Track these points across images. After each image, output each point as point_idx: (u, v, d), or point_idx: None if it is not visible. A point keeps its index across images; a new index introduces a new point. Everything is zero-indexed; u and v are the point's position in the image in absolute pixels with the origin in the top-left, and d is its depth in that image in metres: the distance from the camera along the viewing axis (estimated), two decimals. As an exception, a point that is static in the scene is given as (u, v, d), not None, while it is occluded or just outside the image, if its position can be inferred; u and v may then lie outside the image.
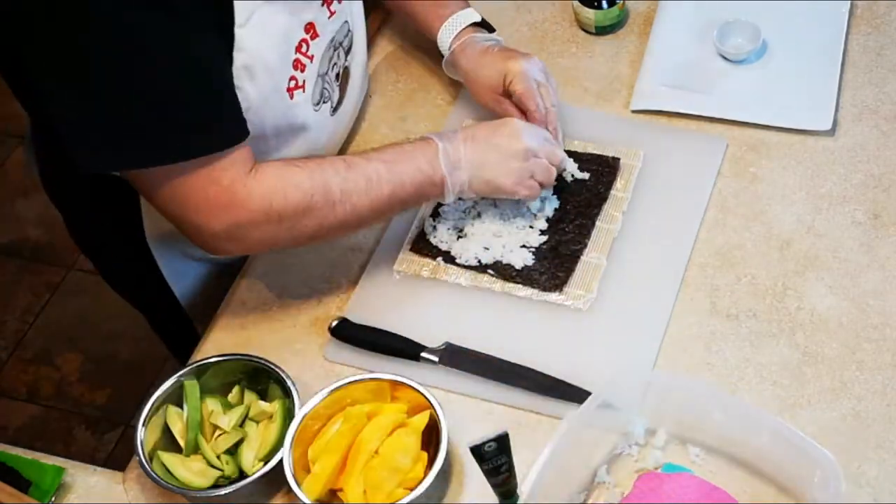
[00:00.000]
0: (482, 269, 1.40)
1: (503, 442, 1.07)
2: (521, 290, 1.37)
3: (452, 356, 1.32)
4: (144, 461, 1.24)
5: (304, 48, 1.33)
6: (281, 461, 1.21)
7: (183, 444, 1.27)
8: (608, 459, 1.22)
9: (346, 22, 1.42)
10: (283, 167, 1.28)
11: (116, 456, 2.44)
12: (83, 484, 1.31)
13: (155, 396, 1.28)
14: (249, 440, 1.27)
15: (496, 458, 1.08)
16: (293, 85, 1.33)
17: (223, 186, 1.22)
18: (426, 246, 1.43)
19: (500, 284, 1.38)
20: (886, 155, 1.45)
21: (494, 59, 1.46)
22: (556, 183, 1.43)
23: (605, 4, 1.61)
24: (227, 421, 1.27)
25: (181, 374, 1.30)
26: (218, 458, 1.26)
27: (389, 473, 1.19)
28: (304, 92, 1.35)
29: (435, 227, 1.43)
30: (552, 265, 1.38)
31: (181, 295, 1.57)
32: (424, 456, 1.21)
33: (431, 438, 1.22)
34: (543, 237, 1.41)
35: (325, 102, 1.42)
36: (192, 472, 1.24)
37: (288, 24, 1.30)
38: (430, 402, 1.22)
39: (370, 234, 1.47)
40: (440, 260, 1.41)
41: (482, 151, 1.34)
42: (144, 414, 1.26)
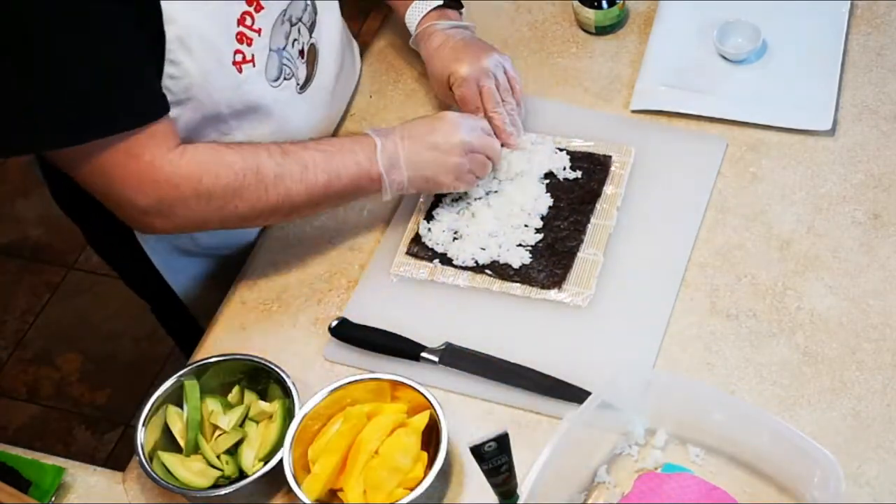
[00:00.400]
0: (479, 269, 1.39)
1: (503, 442, 1.07)
2: (519, 288, 1.37)
3: (452, 356, 1.32)
4: (144, 461, 1.24)
5: (247, 21, 1.32)
6: (281, 461, 1.21)
7: (183, 444, 1.27)
8: (608, 459, 1.22)
9: None
10: (215, 147, 1.30)
11: (116, 456, 2.44)
12: (83, 484, 1.31)
13: (155, 396, 1.28)
14: (249, 440, 1.27)
15: (496, 458, 1.08)
16: (240, 59, 1.32)
17: (144, 162, 1.23)
18: (422, 249, 1.42)
19: (498, 284, 1.38)
20: (886, 155, 1.45)
21: (445, 55, 1.49)
22: (547, 180, 1.45)
23: (605, 4, 1.61)
24: (227, 421, 1.28)
25: (181, 374, 1.30)
26: (218, 458, 1.26)
27: (389, 473, 1.19)
28: (254, 66, 1.34)
29: (430, 229, 1.43)
30: (549, 262, 1.38)
31: (181, 290, 1.58)
32: (424, 456, 1.21)
33: (431, 438, 1.22)
34: (539, 235, 1.41)
35: (286, 79, 1.41)
36: (192, 472, 1.24)
37: None
38: (430, 402, 1.22)
39: (370, 234, 1.47)
40: (437, 262, 1.41)
41: (420, 150, 1.36)
42: (144, 414, 1.26)
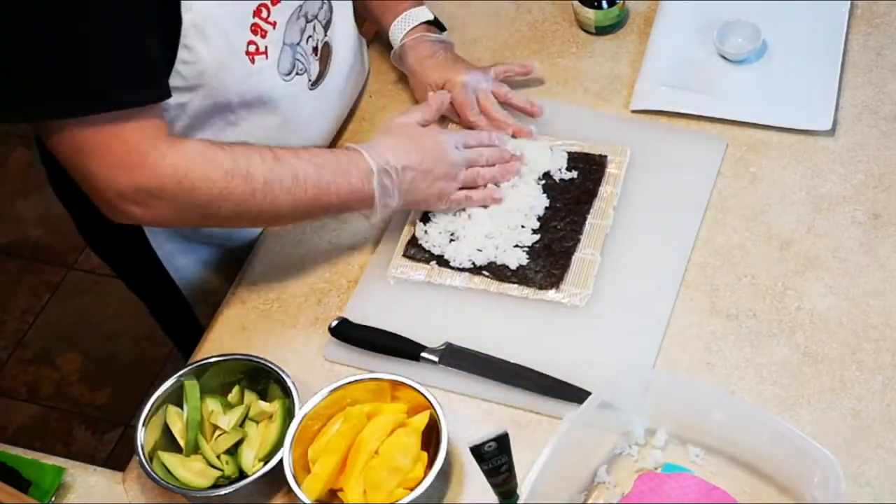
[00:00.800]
0: (477, 271, 1.39)
1: (503, 442, 1.07)
2: (516, 289, 1.37)
3: (452, 356, 1.32)
4: (144, 461, 1.24)
5: (263, 13, 1.32)
6: (281, 461, 1.21)
7: (183, 444, 1.27)
8: (608, 459, 1.22)
9: None
10: (207, 145, 1.28)
11: (116, 456, 2.44)
12: (83, 484, 1.31)
13: (155, 396, 1.28)
14: (249, 440, 1.27)
15: (496, 458, 1.08)
16: (253, 50, 1.33)
17: (131, 145, 1.21)
18: (419, 251, 1.42)
19: (495, 285, 1.38)
20: (886, 155, 1.45)
21: (439, 63, 1.54)
22: (543, 181, 1.45)
23: (605, 4, 1.61)
24: (227, 421, 1.27)
25: (181, 374, 1.30)
26: (218, 458, 1.26)
27: (389, 473, 1.19)
28: (266, 58, 1.34)
29: (426, 231, 1.43)
30: (546, 263, 1.38)
31: (179, 277, 1.57)
32: (424, 456, 1.21)
33: (431, 438, 1.22)
34: (536, 236, 1.41)
35: (299, 74, 1.42)
36: (192, 472, 1.24)
37: None
38: (430, 402, 1.22)
39: (370, 234, 1.47)
40: (434, 264, 1.41)
41: (412, 177, 1.37)
42: (144, 414, 1.26)
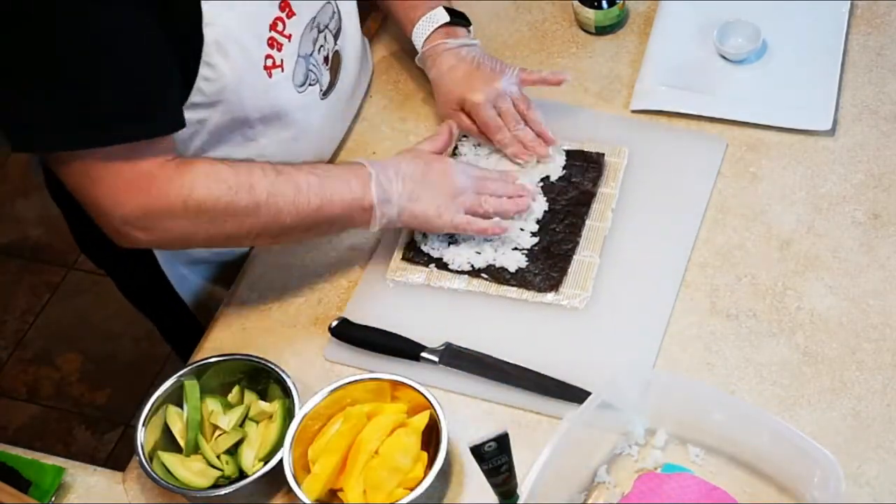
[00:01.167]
0: (476, 273, 1.39)
1: (503, 442, 1.07)
2: (516, 292, 1.37)
3: (452, 356, 1.32)
4: (144, 461, 1.24)
5: (279, 27, 1.33)
6: (281, 461, 1.21)
7: (183, 444, 1.27)
8: (608, 459, 1.22)
9: (330, 4, 1.42)
10: (210, 162, 1.29)
11: (116, 456, 2.44)
12: (83, 484, 1.31)
13: (155, 396, 1.28)
14: (249, 440, 1.27)
15: (496, 458, 1.08)
16: (270, 64, 1.33)
17: (139, 170, 1.22)
18: (417, 254, 1.42)
19: (494, 288, 1.38)
20: (886, 155, 1.45)
21: (458, 79, 1.48)
22: (541, 183, 1.45)
23: (605, 4, 1.61)
24: (227, 421, 1.27)
25: (181, 374, 1.30)
26: (218, 458, 1.26)
27: (389, 473, 1.19)
28: (282, 71, 1.35)
29: (425, 234, 1.43)
30: (545, 266, 1.38)
31: (189, 300, 1.57)
32: (424, 456, 1.21)
33: (431, 438, 1.22)
34: (535, 238, 1.41)
35: (311, 85, 1.42)
36: (192, 472, 1.24)
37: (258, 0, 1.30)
38: (430, 402, 1.22)
39: (370, 234, 1.47)
40: (433, 267, 1.41)
41: (412, 188, 1.35)
42: (144, 414, 1.26)
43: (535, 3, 1.72)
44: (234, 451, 1.27)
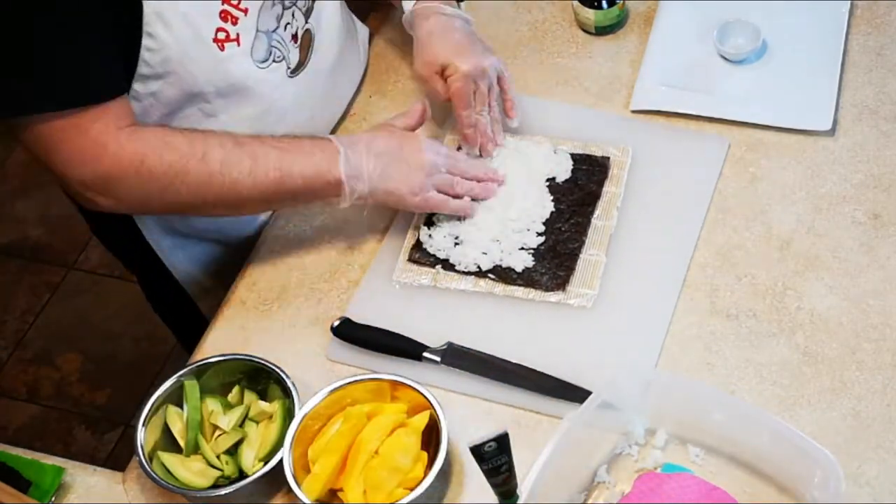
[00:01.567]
0: (482, 274, 1.39)
1: (503, 442, 1.07)
2: (522, 292, 1.37)
3: (454, 356, 1.31)
4: (144, 461, 1.24)
5: (233, 0, 1.33)
6: (281, 461, 1.21)
7: (183, 444, 1.27)
8: (608, 459, 1.22)
9: None
10: (164, 130, 1.31)
11: (116, 456, 2.44)
12: (83, 484, 1.31)
13: (155, 396, 1.28)
14: (249, 440, 1.27)
15: (496, 458, 1.08)
16: (223, 37, 1.33)
17: (90, 137, 1.24)
18: (424, 255, 1.42)
19: (501, 288, 1.38)
20: (886, 155, 1.45)
21: (446, 43, 1.47)
22: (547, 183, 1.45)
23: (605, 4, 1.61)
24: (227, 421, 1.27)
25: (181, 374, 1.30)
26: (218, 458, 1.26)
27: (389, 473, 1.19)
28: (238, 45, 1.35)
29: (430, 235, 1.42)
30: (552, 265, 1.38)
31: (179, 272, 1.58)
32: (424, 456, 1.21)
33: (431, 438, 1.22)
34: (541, 238, 1.41)
35: (276, 62, 1.41)
36: (192, 472, 1.24)
37: None
38: (429, 401, 1.22)
39: (370, 234, 1.47)
40: (439, 268, 1.41)
41: (385, 164, 1.35)
42: (144, 414, 1.26)
43: (535, 3, 1.72)
44: (234, 451, 1.27)
